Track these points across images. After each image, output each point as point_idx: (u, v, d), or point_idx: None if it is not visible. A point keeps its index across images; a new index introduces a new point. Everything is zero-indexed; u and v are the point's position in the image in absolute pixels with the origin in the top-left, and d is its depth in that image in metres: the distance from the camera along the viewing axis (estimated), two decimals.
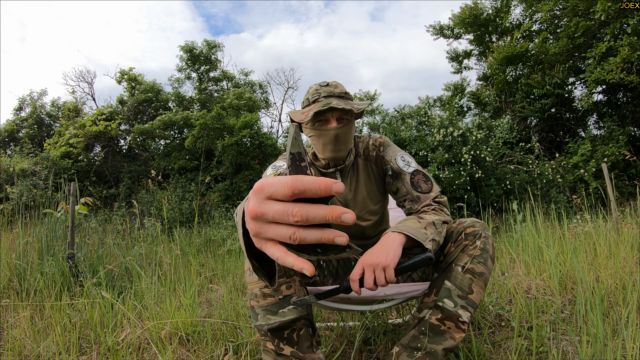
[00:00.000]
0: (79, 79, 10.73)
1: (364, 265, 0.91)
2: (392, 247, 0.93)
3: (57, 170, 7.40)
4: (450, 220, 1.12)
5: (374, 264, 0.90)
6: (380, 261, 0.90)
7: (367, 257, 0.92)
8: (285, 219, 0.36)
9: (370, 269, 0.90)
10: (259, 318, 0.98)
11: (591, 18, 6.46)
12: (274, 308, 0.97)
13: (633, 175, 6.32)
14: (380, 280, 0.88)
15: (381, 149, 1.25)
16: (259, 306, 0.98)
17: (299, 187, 0.35)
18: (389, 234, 0.99)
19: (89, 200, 2.81)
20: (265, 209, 0.37)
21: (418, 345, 0.99)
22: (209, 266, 3.09)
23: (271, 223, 0.37)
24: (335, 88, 1.18)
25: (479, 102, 8.99)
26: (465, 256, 1.02)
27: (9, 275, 2.18)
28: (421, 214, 1.10)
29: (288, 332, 0.98)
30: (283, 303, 0.97)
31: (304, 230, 0.36)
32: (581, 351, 1.10)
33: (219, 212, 6.47)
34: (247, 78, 11.08)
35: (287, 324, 0.97)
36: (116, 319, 1.57)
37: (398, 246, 0.94)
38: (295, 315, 0.97)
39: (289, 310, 0.97)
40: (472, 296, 0.99)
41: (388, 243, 0.95)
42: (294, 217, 0.35)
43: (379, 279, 0.88)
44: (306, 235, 0.35)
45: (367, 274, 0.90)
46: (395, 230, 1.00)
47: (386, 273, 0.89)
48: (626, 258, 1.99)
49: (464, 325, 0.98)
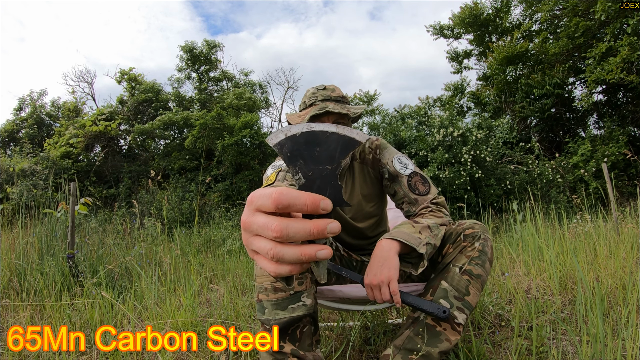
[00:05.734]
0: (78, 79, 10.72)
1: (370, 286, 0.96)
2: (388, 260, 0.96)
3: (57, 170, 7.40)
4: (448, 221, 1.12)
5: (379, 284, 0.94)
6: (383, 280, 0.93)
7: (369, 277, 0.96)
8: (265, 234, 0.35)
9: (377, 289, 0.94)
10: (265, 312, 0.97)
11: (591, 18, 6.46)
12: (284, 303, 0.96)
13: (633, 175, 6.32)
14: (386, 296, 0.93)
15: (377, 151, 1.24)
16: (267, 300, 0.97)
17: (283, 202, 0.33)
18: (382, 243, 1.00)
19: (89, 200, 2.81)
20: (251, 220, 0.36)
21: (413, 347, 0.98)
22: (209, 266, 3.09)
23: (256, 236, 0.36)
24: (332, 92, 1.19)
25: (479, 102, 8.99)
26: (463, 257, 1.01)
27: (9, 275, 2.17)
28: (417, 218, 1.10)
29: (292, 329, 0.97)
30: (293, 299, 0.97)
31: (282, 247, 0.34)
32: (581, 351, 1.10)
33: (219, 212, 6.47)
34: (247, 78, 11.07)
35: (295, 320, 0.96)
36: (116, 319, 1.57)
37: (394, 256, 0.96)
38: (303, 312, 0.96)
39: (298, 307, 0.96)
40: (469, 298, 0.98)
41: (384, 256, 0.96)
42: (272, 233, 0.34)
43: (384, 294, 0.93)
44: (284, 253, 0.34)
45: (376, 293, 0.95)
46: (389, 237, 1.00)
47: (390, 287, 0.93)
48: (626, 258, 1.99)
49: (459, 327, 0.98)
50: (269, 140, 0.38)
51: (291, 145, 0.38)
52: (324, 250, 0.34)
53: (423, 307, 0.93)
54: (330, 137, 0.37)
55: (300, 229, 0.33)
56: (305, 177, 0.37)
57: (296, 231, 0.33)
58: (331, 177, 0.37)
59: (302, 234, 0.34)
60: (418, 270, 0.98)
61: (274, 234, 0.34)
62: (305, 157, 0.37)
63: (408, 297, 0.95)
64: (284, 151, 0.38)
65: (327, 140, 0.37)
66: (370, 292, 0.96)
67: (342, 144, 0.37)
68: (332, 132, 0.37)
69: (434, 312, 0.91)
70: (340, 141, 0.37)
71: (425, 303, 0.94)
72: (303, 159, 0.37)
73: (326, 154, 0.37)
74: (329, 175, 0.37)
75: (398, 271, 0.94)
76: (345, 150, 0.37)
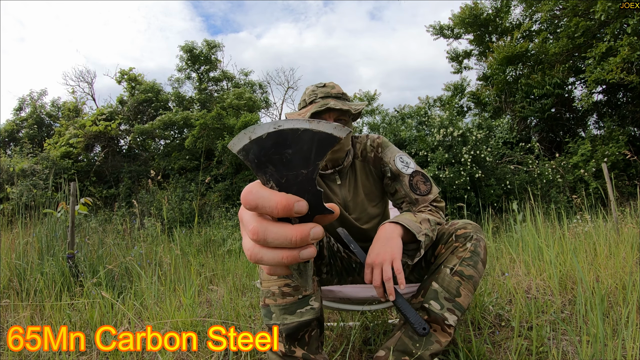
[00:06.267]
0: (78, 79, 10.74)
1: (372, 265, 0.92)
2: (391, 240, 0.93)
3: (57, 170, 7.40)
4: (443, 222, 1.12)
5: (381, 262, 0.90)
6: (386, 258, 0.90)
7: (372, 256, 0.92)
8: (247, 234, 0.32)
9: (378, 267, 0.90)
10: (273, 317, 0.95)
11: (591, 18, 6.46)
12: (292, 307, 0.95)
13: (633, 175, 6.32)
14: (387, 274, 0.88)
15: (379, 149, 1.23)
16: (275, 305, 0.95)
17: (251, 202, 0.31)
18: (385, 226, 0.98)
19: (89, 200, 2.81)
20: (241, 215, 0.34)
21: (405, 348, 0.98)
22: (209, 266, 3.09)
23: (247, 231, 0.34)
24: (332, 89, 1.18)
25: (479, 102, 8.99)
26: (454, 258, 1.01)
27: (9, 275, 2.17)
28: (417, 212, 1.10)
29: (302, 334, 0.96)
30: (302, 303, 0.95)
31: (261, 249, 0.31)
32: (581, 351, 1.09)
33: (219, 212, 6.47)
34: (247, 78, 11.08)
35: (304, 324, 0.95)
36: (116, 319, 1.57)
37: (397, 237, 0.94)
38: (312, 316, 0.95)
39: (307, 311, 0.95)
40: (460, 299, 0.97)
41: (387, 237, 0.94)
42: (250, 234, 0.31)
43: (385, 273, 0.88)
44: (262, 255, 0.31)
45: (376, 272, 0.90)
46: (392, 221, 0.99)
47: (394, 265, 0.89)
48: (626, 258, 1.99)
49: (450, 329, 0.97)
50: (232, 147, 0.32)
51: (257, 150, 0.32)
52: (307, 249, 0.31)
53: (407, 315, 0.88)
54: (302, 136, 0.31)
55: (280, 235, 0.30)
56: (279, 185, 0.32)
57: (275, 237, 0.30)
58: (308, 183, 0.32)
59: (281, 240, 0.30)
60: (414, 260, 0.96)
61: (251, 236, 0.31)
62: (275, 162, 0.32)
63: (400, 297, 0.90)
64: (250, 157, 0.32)
65: (298, 139, 0.31)
66: (369, 273, 0.91)
67: (317, 143, 0.31)
68: (304, 130, 0.31)
69: (414, 324, 0.87)
70: (315, 139, 0.31)
71: (411, 312, 0.89)
72: (273, 165, 0.32)
73: (299, 157, 0.32)
74: (305, 181, 0.32)
75: (401, 251, 0.92)
76: (322, 149, 0.32)
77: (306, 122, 0.32)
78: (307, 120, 0.32)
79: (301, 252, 0.31)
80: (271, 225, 0.31)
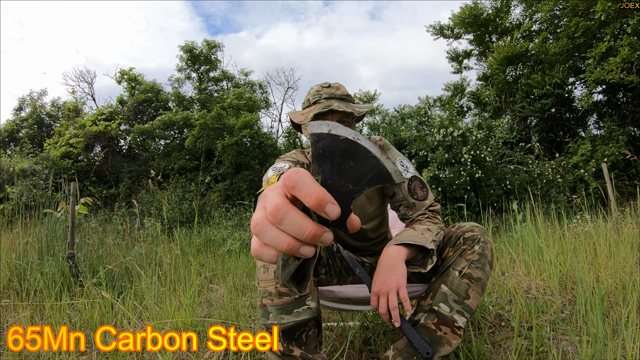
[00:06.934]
0: (78, 79, 10.71)
1: (378, 294, 0.95)
2: (396, 268, 0.96)
3: (57, 170, 7.40)
4: (442, 227, 1.13)
5: (387, 291, 0.93)
6: (392, 287, 0.93)
7: (377, 285, 0.95)
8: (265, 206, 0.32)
9: (384, 296, 0.94)
10: (270, 317, 0.96)
11: (591, 18, 6.46)
12: (289, 307, 0.95)
13: (633, 175, 6.32)
14: (393, 302, 0.92)
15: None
16: (272, 305, 0.96)
17: (293, 178, 0.31)
18: (389, 251, 1.00)
19: (89, 200, 2.81)
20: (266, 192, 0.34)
21: (414, 350, 0.98)
22: (209, 266, 3.09)
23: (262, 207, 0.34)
24: (336, 90, 1.17)
25: (479, 102, 8.99)
26: (463, 261, 1.01)
27: (9, 275, 2.17)
28: (415, 224, 1.11)
29: (299, 333, 0.97)
30: (298, 303, 0.96)
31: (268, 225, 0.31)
32: (581, 351, 1.10)
33: (219, 212, 6.47)
34: (247, 78, 11.07)
35: (300, 324, 0.96)
36: (116, 319, 1.57)
37: (401, 264, 0.97)
38: (308, 315, 0.96)
39: (304, 310, 0.96)
40: (469, 301, 0.98)
41: (392, 264, 0.97)
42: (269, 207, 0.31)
43: (391, 302, 0.92)
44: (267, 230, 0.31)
45: (382, 300, 0.94)
46: (396, 243, 1.00)
47: (400, 293, 0.93)
48: (626, 258, 1.99)
49: (459, 331, 0.98)
50: (311, 127, 0.35)
51: (328, 144, 0.34)
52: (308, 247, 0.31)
53: (412, 340, 0.92)
54: (368, 160, 0.33)
55: (296, 223, 0.30)
56: (323, 183, 0.33)
57: (291, 221, 0.30)
58: (346, 198, 0.33)
59: (294, 228, 0.31)
60: (427, 267, 0.98)
61: (269, 209, 0.31)
62: (334, 163, 0.34)
63: (405, 322, 0.93)
64: (318, 145, 0.34)
65: (364, 160, 0.33)
66: (375, 300, 0.95)
67: (375, 173, 0.34)
68: (372, 156, 0.33)
69: (419, 349, 0.91)
70: (376, 169, 0.34)
71: (415, 337, 0.92)
72: (331, 164, 0.34)
73: (355, 173, 0.33)
74: (345, 194, 0.33)
75: (406, 278, 0.95)
76: (375, 180, 0.33)
77: (378, 151, 0.34)
78: (381, 150, 0.34)
79: (302, 247, 0.31)
80: (294, 210, 0.31)
